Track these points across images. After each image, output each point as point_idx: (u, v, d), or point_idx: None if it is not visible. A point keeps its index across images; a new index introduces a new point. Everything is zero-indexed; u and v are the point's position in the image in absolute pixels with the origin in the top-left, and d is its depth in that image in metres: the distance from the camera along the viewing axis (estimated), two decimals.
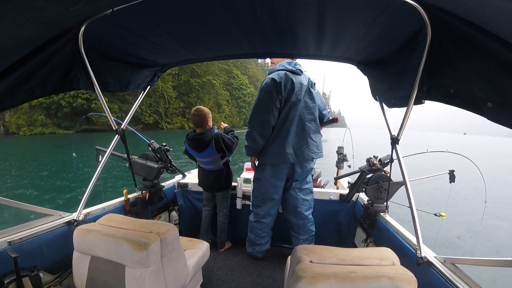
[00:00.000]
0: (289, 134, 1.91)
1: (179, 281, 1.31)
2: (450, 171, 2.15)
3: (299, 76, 1.93)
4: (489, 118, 0.71)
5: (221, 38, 1.35)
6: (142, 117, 35.58)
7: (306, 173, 2.08)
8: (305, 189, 2.09)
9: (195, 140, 2.08)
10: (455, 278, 1.07)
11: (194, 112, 2.11)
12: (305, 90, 1.95)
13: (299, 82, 1.91)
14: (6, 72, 0.89)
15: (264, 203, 2.10)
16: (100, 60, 1.30)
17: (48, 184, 8.20)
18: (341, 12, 1.01)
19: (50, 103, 27.44)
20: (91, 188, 1.58)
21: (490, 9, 0.60)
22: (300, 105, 1.92)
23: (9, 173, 9.66)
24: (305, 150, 1.97)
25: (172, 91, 41.43)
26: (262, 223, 2.14)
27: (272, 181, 2.03)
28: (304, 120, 1.95)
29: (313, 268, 0.90)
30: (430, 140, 49.69)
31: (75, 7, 0.71)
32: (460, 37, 0.76)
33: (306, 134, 1.96)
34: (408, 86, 1.03)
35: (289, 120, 1.90)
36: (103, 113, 1.59)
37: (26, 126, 27.00)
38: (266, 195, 2.07)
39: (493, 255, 4.19)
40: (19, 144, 20.23)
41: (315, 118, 2.00)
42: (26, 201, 1.42)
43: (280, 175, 2.02)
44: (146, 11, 1.02)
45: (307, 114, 1.96)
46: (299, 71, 1.95)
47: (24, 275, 1.15)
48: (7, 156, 13.56)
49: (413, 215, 1.24)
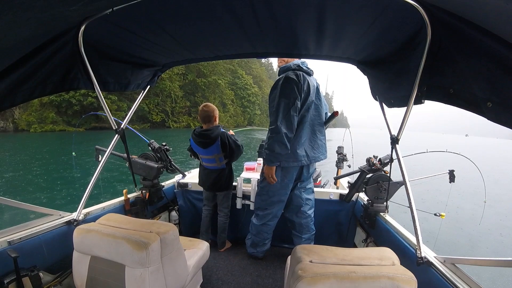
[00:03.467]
0: (302, 137, 1.90)
1: (179, 281, 1.31)
2: (450, 171, 2.15)
3: (311, 77, 1.94)
4: (489, 118, 0.71)
5: (221, 38, 1.35)
6: (149, 116, 36.27)
7: (311, 174, 2.11)
8: (308, 189, 2.11)
9: (201, 135, 2.10)
10: (455, 278, 1.07)
11: (204, 108, 2.14)
12: (315, 92, 1.96)
13: (312, 84, 1.91)
14: (6, 71, 0.89)
15: (273, 206, 2.07)
16: (100, 60, 1.30)
17: (47, 183, 8.20)
18: (341, 12, 1.01)
19: (60, 101, 28.08)
20: (91, 187, 1.58)
21: (490, 9, 0.60)
22: (312, 107, 1.93)
23: (15, 168, 9.86)
24: (315, 152, 1.99)
25: (179, 90, 42.20)
26: (268, 225, 2.13)
27: (283, 184, 1.99)
28: (315, 122, 1.97)
29: (313, 268, 0.90)
30: (433, 141, 49.67)
31: (75, 7, 0.71)
32: (460, 37, 0.76)
33: (316, 136, 1.98)
34: (408, 86, 1.03)
35: (303, 123, 1.89)
36: (104, 112, 1.59)
37: (37, 123, 27.63)
38: (276, 197, 2.03)
39: (493, 255, 4.19)
40: (29, 140, 20.73)
41: (322, 120, 2.03)
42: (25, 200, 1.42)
43: (290, 177, 1.99)
44: (146, 11, 1.02)
45: (316, 116, 1.97)
46: (311, 72, 1.95)
47: (24, 275, 1.15)
48: (17, 152, 13.92)
49: (413, 215, 1.24)
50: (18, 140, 20.48)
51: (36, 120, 27.59)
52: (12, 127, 27.77)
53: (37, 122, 27.63)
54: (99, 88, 1.32)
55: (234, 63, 56.08)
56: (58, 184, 8.12)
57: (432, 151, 2.49)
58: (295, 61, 1.92)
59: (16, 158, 12.22)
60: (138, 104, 1.87)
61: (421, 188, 6.42)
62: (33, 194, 7.06)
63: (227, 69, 55.71)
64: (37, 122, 27.64)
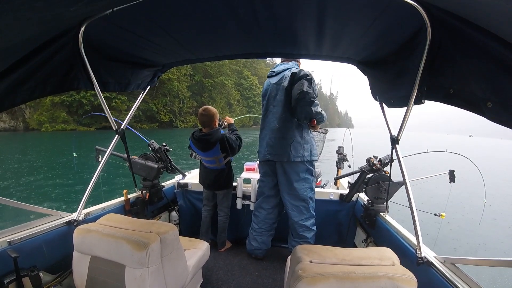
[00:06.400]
0: (263, 132, 2.19)
1: (179, 281, 1.31)
2: (450, 171, 2.15)
3: (272, 78, 2.12)
4: (489, 118, 0.71)
5: (221, 38, 1.35)
6: (157, 116, 37.20)
7: (293, 175, 2.18)
8: (293, 195, 2.14)
9: (201, 140, 2.08)
10: (455, 278, 1.07)
11: (202, 112, 2.07)
12: (272, 90, 2.10)
13: (268, 84, 2.12)
14: (6, 72, 0.89)
15: (259, 197, 2.29)
16: (100, 60, 1.30)
17: (48, 183, 8.20)
18: (341, 12, 1.01)
19: (71, 101, 28.91)
20: (91, 188, 1.58)
21: (490, 9, 0.60)
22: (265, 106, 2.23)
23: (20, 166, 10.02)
24: (274, 150, 2.15)
25: (186, 91, 43.16)
26: (256, 216, 2.24)
27: (262, 178, 2.24)
28: (271, 118, 2.16)
29: (313, 268, 0.90)
30: (436, 141, 49.66)
31: (75, 7, 0.71)
32: (460, 37, 0.76)
33: (273, 133, 2.15)
34: (408, 86, 1.03)
35: (264, 120, 2.21)
36: (104, 112, 1.59)
37: (48, 123, 28.35)
38: (260, 189, 2.27)
39: (493, 255, 4.19)
40: (39, 139, 21.29)
41: (278, 115, 2.13)
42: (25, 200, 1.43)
43: (264, 172, 2.23)
44: (146, 11, 1.02)
45: (273, 112, 2.15)
46: (272, 73, 2.14)
47: (24, 275, 1.15)
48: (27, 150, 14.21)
49: (413, 215, 1.24)
50: (28, 139, 21.03)
51: (47, 120, 28.30)
52: (22, 126, 28.52)
53: (49, 122, 28.33)
54: (99, 89, 1.32)
55: (240, 63, 56.67)
56: (60, 184, 8.12)
57: (432, 151, 2.49)
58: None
59: (26, 157, 12.42)
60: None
61: (421, 188, 6.44)
62: (35, 195, 7.07)
63: (233, 70, 56.28)
64: (49, 121, 28.33)
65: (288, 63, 2.07)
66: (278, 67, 2.09)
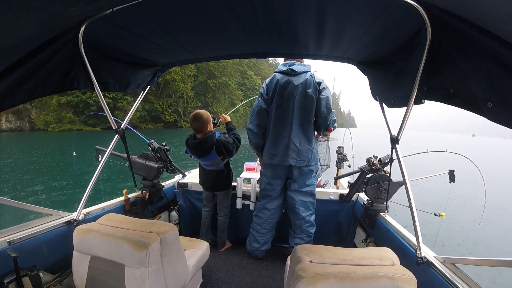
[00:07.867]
0: (269, 135, 2.15)
1: (179, 281, 1.31)
2: (450, 171, 2.16)
3: (292, 77, 2.04)
4: (489, 118, 0.71)
5: (221, 38, 1.35)
6: (162, 116, 37.34)
7: (305, 175, 2.16)
8: (304, 192, 2.15)
9: (195, 147, 2.06)
10: (455, 278, 1.07)
11: (193, 118, 2.00)
12: (294, 89, 2.03)
13: (284, 83, 2.03)
14: (6, 72, 0.89)
15: (262, 198, 2.25)
16: (100, 60, 1.30)
17: (48, 184, 8.21)
18: (341, 12, 1.01)
19: (78, 102, 28.86)
20: (91, 187, 1.58)
21: (490, 9, 0.60)
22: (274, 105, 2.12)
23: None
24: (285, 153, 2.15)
25: (190, 91, 43.26)
26: (259, 217, 2.22)
27: (269, 180, 2.20)
28: (279, 120, 2.14)
29: (313, 268, 0.90)
30: (439, 141, 49.61)
31: (75, 7, 0.71)
32: (460, 37, 0.76)
33: (283, 136, 2.13)
34: (408, 86, 1.03)
35: (270, 121, 2.15)
36: (104, 112, 1.59)
37: (55, 123, 28.43)
38: (264, 192, 2.22)
39: (493, 255, 4.19)
40: (45, 139, 21.49)
41: (290, 119, 2.12)
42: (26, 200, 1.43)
43: (275, 175, 2.20)
44: (146, 11, 1.02)
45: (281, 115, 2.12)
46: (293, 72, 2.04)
47: (24, 275, 1.15)
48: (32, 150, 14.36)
49: (413, 215, 1.24)
50: (34, 139, 21.23)
51: (54, 120, 28.44)
52: (28, 127, 28.68)
53: (55, 122, 28.46)
54: (99, 88, 1.32)
55: (243, 64, 56.65)
56: (60, 184, 8.12)
57: (432, 151, 2.49)
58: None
59: (33, 157, 12.50)
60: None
61: (421, 188, 6.42)
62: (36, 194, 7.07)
63: (237, 70, 56.33)
64: (55, 122, 28.47)
65: (301, 63, 2.03)
66: (297, 66, 1.99)
